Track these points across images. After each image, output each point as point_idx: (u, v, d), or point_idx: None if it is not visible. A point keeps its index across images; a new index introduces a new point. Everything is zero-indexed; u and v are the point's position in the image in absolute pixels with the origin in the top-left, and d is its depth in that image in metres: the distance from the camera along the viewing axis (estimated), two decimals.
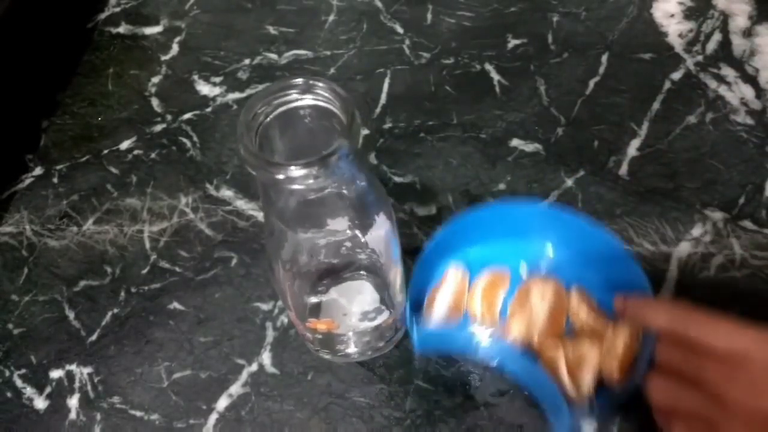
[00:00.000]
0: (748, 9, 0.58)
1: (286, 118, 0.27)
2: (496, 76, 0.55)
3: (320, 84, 0.27)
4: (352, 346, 0.40)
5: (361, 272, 0.36)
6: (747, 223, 0.45)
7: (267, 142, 0.27)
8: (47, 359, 0.43)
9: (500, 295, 0.42)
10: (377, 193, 0.31)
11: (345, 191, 0.29)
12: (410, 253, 0.46)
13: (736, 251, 0.44)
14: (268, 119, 0.27)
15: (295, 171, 0.24)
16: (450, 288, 0.42)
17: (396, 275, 0.35)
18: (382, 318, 0.37)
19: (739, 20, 0.57)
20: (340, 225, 0.31)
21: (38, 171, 0.53)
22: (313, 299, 0.37)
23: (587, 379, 0.37)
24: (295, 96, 0.27)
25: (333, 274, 0.36)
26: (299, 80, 0.27)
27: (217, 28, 0.61)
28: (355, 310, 0.37)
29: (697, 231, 0.45)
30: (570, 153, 0.50)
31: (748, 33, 0.56)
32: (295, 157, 0.25)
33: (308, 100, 0.27)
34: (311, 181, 0.25)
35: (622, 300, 0.35)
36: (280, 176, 0.25)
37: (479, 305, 0.41)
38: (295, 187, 0.25)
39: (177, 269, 0.46)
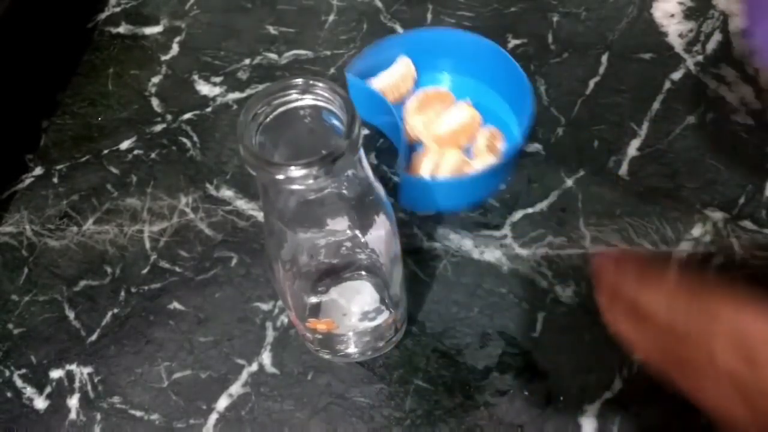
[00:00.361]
0: None
1: (286, 118, 0.27)
2: None
3: (320, 84, 0.27)
4: (351, 346, 0.40)
5: (361, 272, 0.36)
6: (747, 223, 0.45)
7: (267, 142, 0.27)
8: (47, 359, 0.43)
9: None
10: (377, 193, 0.31)
11: (345, 191, 0.29)
12: (410, 253, 0.46)
13: (736, 251, 0.44)
14: (268, 119, 0.27)
15: (295, 171, 0.24)
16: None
17: (396, 275, 0.35)
18: (382, 318, 0.37)
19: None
20: (340, 225, 0.31)
21: (38, 171, 0.53)
22: (313, 299, 0.37)
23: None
24: (295, 96, 0.27)
25: (333, 274, 0.36)
26: (299, 80, 0.27)
27: (217, 28, 0.61)
28: (354, 310, 0.37)
29: (697, 231, 0.45)
30: (570, 153, 0.50)
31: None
32: (296, 158, 0.25)
33: (308, 100, 0.27)
34: (311, 181, 0.25)
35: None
36: (280, 176, 0.25)
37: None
38: (295, 187, 0.25)
39: (177, 269, 0.46)
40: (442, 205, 0.47)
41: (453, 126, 0.48)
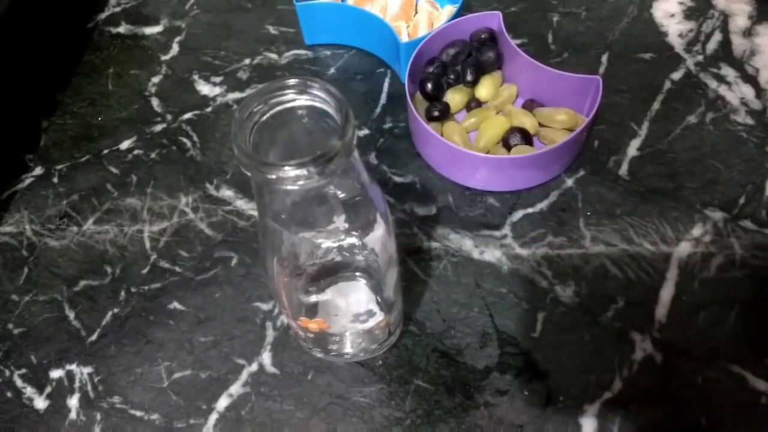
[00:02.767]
0: (748, 9, 0.58)
1: (282, 118, 0.27)
2: None
3: (315, 84, 0.27)
4: (344, 346, 0.40)
5: (357, 273, 0.36)
6: (747, 223, 0.45)
7: (262, 142, 0.27)
8: (47, 359, 0.43)
9: None
10: (374, 193, 0.31)
11: (340, 192, 0.29)
12: (410, 253, 0.46)
13: (736, 251, 0.44)
14: (264, 119, 0.27)
15: (288, 171, 0.24)
16: None
17: (391, 277, 0.35)
18: (375, 320, 0.37)
19: (740, 20, 0.57)
20: (335, 226, 0.31)
21: (38, 171, 0.53)
22: (307, 299, 0.37)
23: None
24: (290, 96, 0.27)
25: (328, 274, 0.36)
26: (294, 80, 0.27)
27: (217, 28, 0.61)
28: (348, 311, 0.37)
29: (697, 231, 0.45)
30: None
31: (748, 33, 0.56)
32: (291, 158, 0.25)
33: (303, 100, 0.27)
34: (304, 181, 0.25)
35: None
36: (273, 176, 0.25)
37: None
38: (289, 187, 0.25)
39: (177, 269, 0.46)
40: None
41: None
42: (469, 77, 0.50)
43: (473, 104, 0.51)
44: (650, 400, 0.39)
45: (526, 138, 0.48)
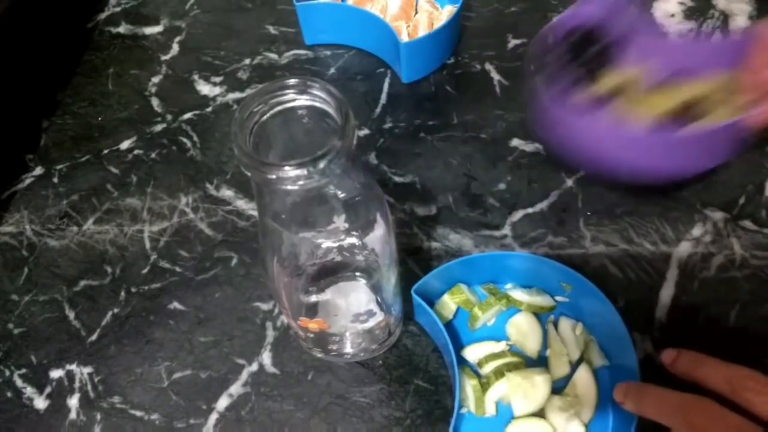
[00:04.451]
0: (748, 9, 0.58)
1: (282, 118, 0.27)
2: (496, 76, 0.55)
3: (315, 84, 0.27)
4: (344, 346, 0.40)
5: (357, 273, 0.36)
6: (747, 223, 0.45)
7: (262, 142, 0.27)
8: (47, 359, 0.43)
9: None
10: (374, 193, 0.31)
11: (340, 192, 0.29)
12: (410, 253, 0.46)
13: (736, 251, 0.44)
14: (264, 119, 0.27)
15: (288, 171, 0.24)
16: None
17: (391, 278, 0.35)
18: (375, 320, 0.37)
19: (739, 20, 0.57)
20: (335, 226, 0.31)
21: (38, 171, 0.53)
22: (307, 299, 0.37)
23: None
24: (290, 96, 0.27)
25: (328, 274, 0.36)
26: (294, 80, 0.27)
27: (217, 28, 0.61)
28: (348, 311, 0.37)
29: (697, 231, 0.45)
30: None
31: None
32: (292, 158, 0.25)
33: (303, 100, 0.27)
34: (304, 181, 0.25)
35: (673, 354, 0.35)
36: (273, 176, 0.25)
37: None
38: (288, 187, 0.25)
39: (177, 269, 0.46)
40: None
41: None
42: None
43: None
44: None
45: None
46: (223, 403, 0.41)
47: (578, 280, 0.39)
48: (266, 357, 0.42)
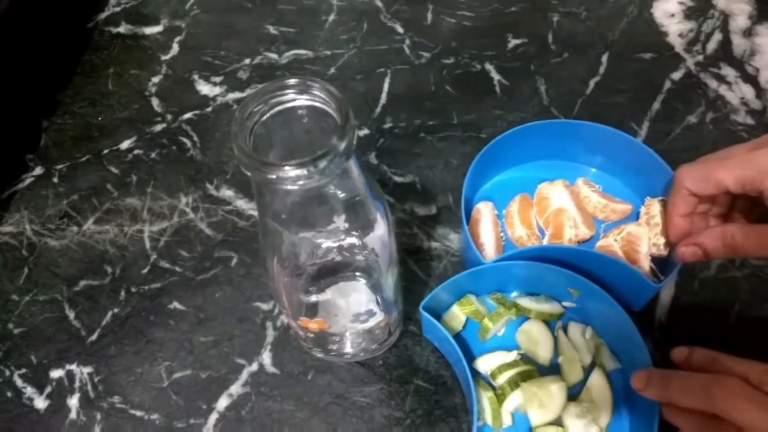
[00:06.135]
0: (748, 9, 0.58)
1: (282, 118, 0.27)
2: (496, 76, 0.55)
3: (315, 84, 0.27)
4: (344, 346, 0.40)
5: (357, 273, 0.36)
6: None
7: (262, 142, 0.27)
8: (47, 359, 0.43)
9: (532, 214, 0.45)
10: (373, 193, 0.31)
11: (340, 192, 0.29)
12: (410, 253, 0.46)
13: None
14: (264, 118, 0.27)
15: (288, 171, 0.24)
16: (487, 221, 0.44)
17: (391, 278, 0.35)
18: (375, 320, 0.37)
19: (740, 20, 0.57)
20: (335, 226, 0.31)
21: (38, 171, 0.53)
22: (307, 299, 0.37)
23: (645, 254, 0.41)
24: (290, 96, 0.27)
25: (328, 274, 0.36)
26: (294, 80, 0.27)
27: (217, 28, 0.61)
28: (348, 310, 0.37)
29: None
30: None
31: (748, 33, 0.56)
32: (292, 158, 0.25)
33: (303, 100, 0.27)
34: (304, 181, 0.25)
35: (685, 352, 0.35)
36: (273, 176, 0.25)
37: (520, 228, 0.44)
38: (288, 187, 0.25)
39: (177, 269, 0.46)
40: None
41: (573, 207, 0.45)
42: None
43: None
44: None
45: None
46: (223, 403, 0.41)
47: (586, 285, 0.39)
48: (266, 357, 0.42)
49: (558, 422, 0.38)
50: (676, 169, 0.37)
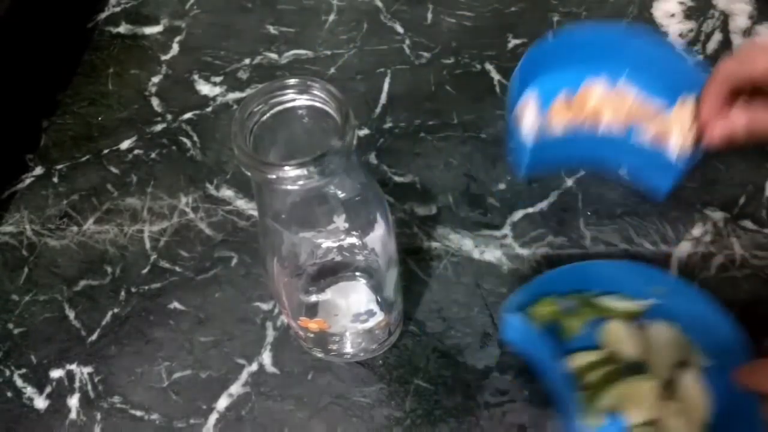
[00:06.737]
0: (748, 9, 0.58)
1: (282, 118, 0.27)
2: (496, 76, 0.55)
3: (315, 84, 0.27)
4: (344, 346, 0.40)
5: (357, 273, 0.36)
6: (747, 223, 0.45)
7: (262, 142, 0.27)
8: (47, 359, 0.43)
9: (572, 109, 0.47)
10: (374, 193, 0.31)
11: (340, 192, 0.29)
12: (410, 253, 0.46)
13: (736, 251, 0.44)
14: (264, 118, 0.27)
15: (289, 171, 0.24)
16: (531, 112, 0.46)
17: (391, 277, 0.35)
18: (375, 320, 0.37)
19: (740, 20, 0.57)
20: (335, 226, 0.31)
21: (38, 171, 0.53)
22: (307, 299, 0.37)
23: (674, 145, 0.43)
24: (290, 96, 0.27)
25: (328, 274, 0.36)
26: (294, 80, 0.27)
27: (217, 28, 0.61)
28: (348, 310, 0.37)
29: (697, 231, 0.45)
30: None
31: (748, 33, 0.56)
32: (292, 158, 0.25)
33: (303, 100, 0.27)
34: (304, 181, 0.25)
35: (748, 368, 0.34)
36: (273, 176, 0.25)
37: (562, 120, 0.46)
38: (288, 187, 0.25)
39: (177, 269, 0.46)
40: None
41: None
42: None
43: None
44: None
45: None
46: (223, 403, 0.41)
47: (673, 283, 0.39)
48: (266, 357, 0.42)
49: (653, 421, 0.37)
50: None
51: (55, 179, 0.52)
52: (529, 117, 0.45)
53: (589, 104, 0.47)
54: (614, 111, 0.46)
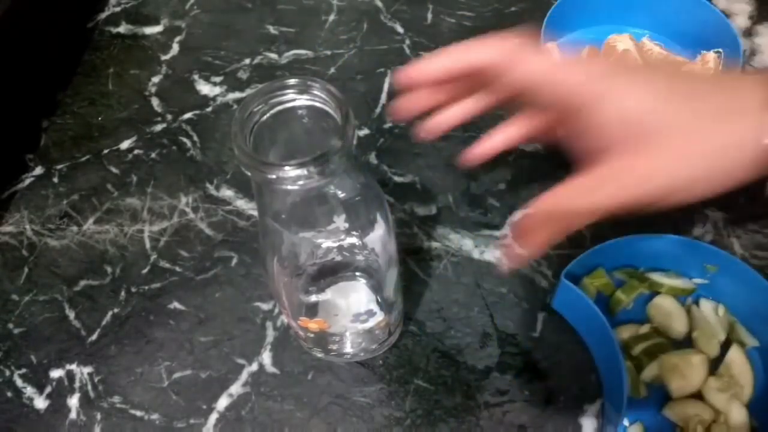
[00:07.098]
0: (748, 9, 0.58)
1: (282, 118, 0.27)
2: None
3: (315, 84, 0.27)
4: (344, 346, 0.40)
5: (357, 273, 0.36)
6: (747, 223, 0.45)
7: (262, 142, 0.27)
8: (47, 359, 0.43)
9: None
10: (374, 193, 0.31)
11: (340, 192, 0.29)
12: (410, 253, 0.46)
13: (736, 251, 0.44)
14: (264, 118, 0.27)
15: (289, 171, 0.24)
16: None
17: (391, 277, 0.35)
18: (375, 320, 0.37)
19: (740, 20, 0.57)
20: (335, 226, 0.31)
21: (38, 171, 0.53)
22: (307, 299, 0.37)
23: None
24: (290, 96, 0.27)
25: (328, 274, 0.36)
26: (294, 80, 0.27)
27: (217, 28, 0.61)
28: (348, 310, 0.37)
29: (697, 231, 0.45)
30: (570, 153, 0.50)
31: (748, 33, 0.56)
32: (292, 158, 0.25)
33: (303, 100, 0.27)
34: (304, 181, 0.25)
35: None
36: (273, 176, 0.25)
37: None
38: (289, 187, 0.25)
39: (177, 269, 0.46)
40: None
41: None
42: None
43: None
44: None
45: None
46: (223, 403, 0.41)
47: (728, 260, 0.39)
48: (266, 357, 0.42)
49: (697, 395, 0.37)
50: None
51: (55, 179, 0.52)
52: None
53: (616, 53, 0.49)
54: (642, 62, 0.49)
